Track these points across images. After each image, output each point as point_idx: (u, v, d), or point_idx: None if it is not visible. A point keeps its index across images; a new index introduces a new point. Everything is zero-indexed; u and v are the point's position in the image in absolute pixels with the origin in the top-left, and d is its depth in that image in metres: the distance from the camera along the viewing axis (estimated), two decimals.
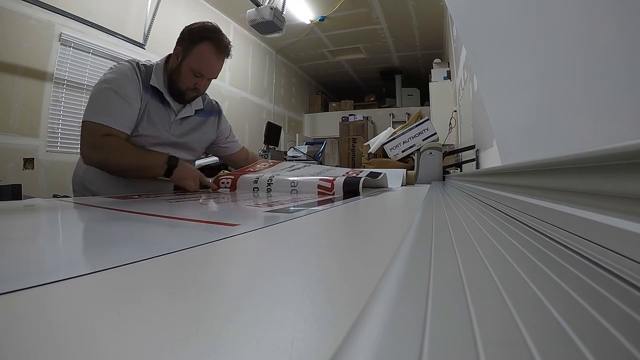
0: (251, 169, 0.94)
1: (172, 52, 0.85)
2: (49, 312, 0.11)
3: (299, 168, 0.95)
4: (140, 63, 0.83)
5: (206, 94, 0.95)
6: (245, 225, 0.28)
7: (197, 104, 0.92)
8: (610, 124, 0.28)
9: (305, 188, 0.72)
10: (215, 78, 0.87)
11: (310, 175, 0.79)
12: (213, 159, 1.50)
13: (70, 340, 0.09)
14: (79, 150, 0.77)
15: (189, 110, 0.89)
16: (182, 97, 0.85)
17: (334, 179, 0.70)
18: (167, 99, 0.84)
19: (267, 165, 0.98)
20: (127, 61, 0.82)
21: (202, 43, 0.81)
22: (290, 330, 0.09)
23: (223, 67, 0.88)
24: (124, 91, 0.75)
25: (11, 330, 0.09)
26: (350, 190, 0.68)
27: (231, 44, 0.87)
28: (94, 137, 0.73)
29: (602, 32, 0.28)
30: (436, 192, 0.65)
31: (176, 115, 0.86)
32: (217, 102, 1.02)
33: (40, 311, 0.11)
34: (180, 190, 0.79)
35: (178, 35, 0.84)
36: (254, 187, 0.77)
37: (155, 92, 0.82)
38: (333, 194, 0.68)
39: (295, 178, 0.74)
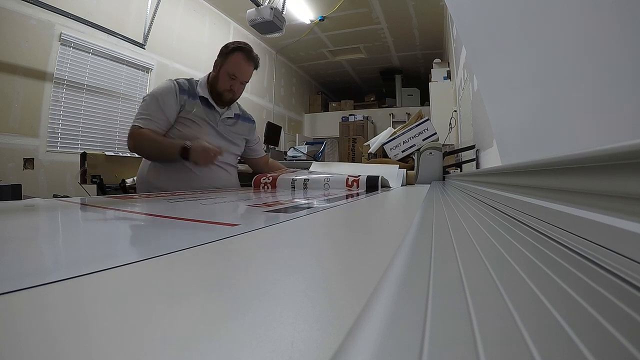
0: (287, 171, 1.12)
1: (211, 70, 1.12)
2: (48, 312, 0.11)
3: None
4: (178, 80, 1.08)
5: (242, 107, 1.24)
6: (245, 225, 0.28)
7: (235, 109, 1.19)
8: (610, 124, 0.28)
9: (336, 184, 0.89)
10: (247, 82, 1.13)
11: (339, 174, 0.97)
12: None
13: (69, 340, 0.09)
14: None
15: (229, 112, 1.16)
16: (221, 98, 1.10)
17: (359, 176, 0.88)
18: (212, 103, 1.10)
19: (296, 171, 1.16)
20: (168, 80, 1.09)
21: (235, 52, 1.08)
22: (290, 330, 0.09)
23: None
24: (162, 100, 1.02)
25: (11, 330, 0.09)
26: (371, 185, 0.85)
27: (259, 58, 1.13)
28: (133, 132, 1.00)
29: (602, 32, 0.28)
30: (436, 192, 0.65)
31: (221, 116, 1.13)
32: (251, 115, 1.29)
33: (40, 311, 0.11)
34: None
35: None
36: (292, 185, 0.92)
37: (203, 99, 1.09)
38: (358, 188, 0.84)
39: (328, 175, 0.92)
